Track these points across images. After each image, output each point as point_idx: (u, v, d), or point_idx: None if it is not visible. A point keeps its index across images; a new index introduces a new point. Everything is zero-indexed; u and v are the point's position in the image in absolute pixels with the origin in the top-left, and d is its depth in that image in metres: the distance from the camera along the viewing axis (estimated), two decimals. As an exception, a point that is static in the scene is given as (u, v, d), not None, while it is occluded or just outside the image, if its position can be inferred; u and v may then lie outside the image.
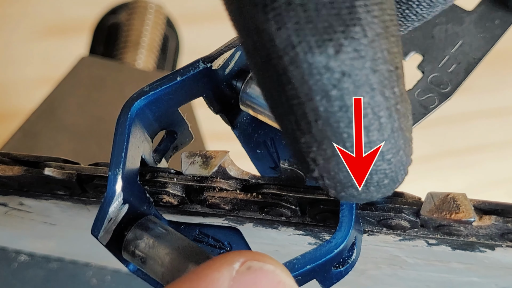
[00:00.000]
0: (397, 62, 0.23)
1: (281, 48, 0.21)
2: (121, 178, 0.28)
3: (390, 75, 0.22)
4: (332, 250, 0.26)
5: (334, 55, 0.21)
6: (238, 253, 0.23)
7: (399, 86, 0.23)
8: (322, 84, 0.21)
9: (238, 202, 0.29)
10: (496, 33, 0.33)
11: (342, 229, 0.26)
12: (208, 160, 0.29)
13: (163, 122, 0.31)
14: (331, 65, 0.21)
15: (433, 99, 0.32)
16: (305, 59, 0.21)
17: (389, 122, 0.23)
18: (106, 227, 0.27)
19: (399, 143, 0.23)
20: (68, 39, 0.94)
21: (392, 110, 0.22)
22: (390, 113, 0.22)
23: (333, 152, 0.23)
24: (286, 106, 0.22)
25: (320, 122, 0.22)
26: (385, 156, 0.23)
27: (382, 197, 0.24)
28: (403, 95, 0.23)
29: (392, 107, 0.22)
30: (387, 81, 0.22)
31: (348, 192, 0.24)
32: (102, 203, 0.27)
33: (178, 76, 0.29)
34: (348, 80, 0.21)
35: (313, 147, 0.23)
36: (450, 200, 0.27)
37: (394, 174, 0.24)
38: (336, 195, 0.24)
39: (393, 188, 0.24)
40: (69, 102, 0.63)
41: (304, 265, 0.26)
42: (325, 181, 0.24)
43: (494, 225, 0.27)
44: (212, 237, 0.30)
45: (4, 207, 0.36)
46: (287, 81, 0.22)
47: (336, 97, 0.21)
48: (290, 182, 0.29)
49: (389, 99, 0.22)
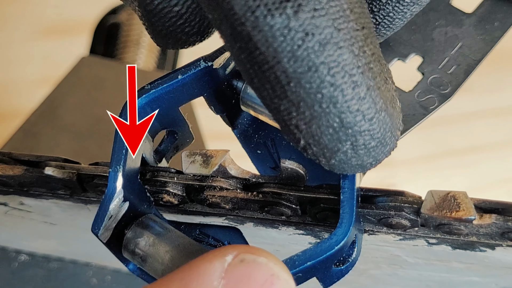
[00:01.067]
0: (363, 22, 0.23)
1: (241, 14, 0.22)
2: (122, 175, 0.28)
3: (356, 34, 0.23)
4: (333, 246, 0.26)
5: (293, 15, 0.22)
6: (231, 247, 0.23)
7: (369, 46, 0.23)
8: (287, 45, 0.22)
9: (238, 201, 0.29)
10: (496, 35, 0.33)
11: (343, 226, 0.26)
12: (208, 159, 0.29)
13: (164, 121, 0.31)
14: (292, 26, 0.22)
15: (433, 100, 0.32)
16: (265, 23, 0.22)
17: (363, 80, 0.23)
18: (106, 224, 0.27)
19: (378, 102, 0.24)
20: (68, 39, 0.94)
21: (365, 68, 0.23)
22: (363, 72, 0.23)
23: (312, 114, 0.23)
24: (260, 74, 0.23)
25: (293, 84, 0.23)
26: (365, 116, 0.23)
27: (374, 163, 0.25)
28: (375, 55, 0.24)
29: (364, 66, 0.23)
30: (354, 39, 0.23)
31: (337, 158, 0.24)
32: (103, 200, 0.27)
33: (179, 74, 0.29)
34: (313, 40, 0.22)
35: (293, 112, 0.23)
36: (451, 198, 0.27)
37: (381, 135, 0.24)
38: (327, 164, 0.25)
39: (384, 152, 0.25)
40: (69, 102, 0.63)
41: (305, 261, 0.26)
42: (313, 148, 0.24)
43: (495, 224, 0.27)
44: (213, 237, 0.30)
45: (4, 206, 0.36)
46: (254, 47, 0.22)
47: (303, 57, 0.22)
48: (290, 181, 0.29)
49: (359, 57, 0.23)
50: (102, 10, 0.83)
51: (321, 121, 0.23)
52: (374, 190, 0.29)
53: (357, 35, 0.23)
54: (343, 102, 0.23)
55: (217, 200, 0.29)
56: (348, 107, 0.23)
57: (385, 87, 0.24)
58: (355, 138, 0.24)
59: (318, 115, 0.23)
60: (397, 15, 0.28)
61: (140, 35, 0.78)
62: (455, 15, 0.34)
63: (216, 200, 0.30)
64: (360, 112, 0.23)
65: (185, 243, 0.27)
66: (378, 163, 0.25)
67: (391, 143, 0.25)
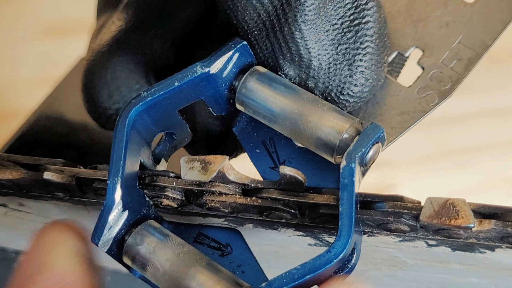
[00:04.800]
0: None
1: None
2: (120, 186, 0.28)
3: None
4: (332, 260, 0.26)
5: None
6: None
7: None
8: None
9: (237, 206, 0.29)
10: (497, 27, 0.32)
11: (342, 239, 0.26)
12: (207, 166, 0.29)
13: (162, 125, 0.31)
14: None
15: (433, 97, 0.31)
16: None
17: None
18: (106, 234, 0.28)
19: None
20: (68, 39, 0.94)
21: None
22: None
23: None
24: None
25: None
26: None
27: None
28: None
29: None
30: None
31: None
32: (102, 212, 0.28)
33: (176, 81, 0.29)
34: None
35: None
36: (450, 205, 0.27)
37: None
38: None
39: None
40: (69, 103, 0.63)
41: (304, 275, 0.25)
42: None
43: (494, 229, 0.27)
44: (212, 238, 0.30)
45: (4, 207, 0.36)
46: None
47: None
48: (289, 186, 0.29)
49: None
50: (102, 10, 0.83)
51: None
52: (373, 195, 0.28)
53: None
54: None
55: (216, 204, 0.29)
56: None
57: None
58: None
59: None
60: (346, 105, 0.30)
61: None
62: (456, 5, 0.33)
63: (215, 204, 0.29)
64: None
65: (185, 251, 0.27)
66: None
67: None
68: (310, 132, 0.28)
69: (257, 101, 0.30)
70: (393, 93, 0.32)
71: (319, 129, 0.28)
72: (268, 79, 0.30)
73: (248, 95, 0.30)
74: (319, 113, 0.29)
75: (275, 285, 0.25)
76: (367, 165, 0.28)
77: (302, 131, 0.29)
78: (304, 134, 0.29)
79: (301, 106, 0.29)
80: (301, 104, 0.29)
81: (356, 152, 0.27)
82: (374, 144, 0.28)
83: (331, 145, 0.28)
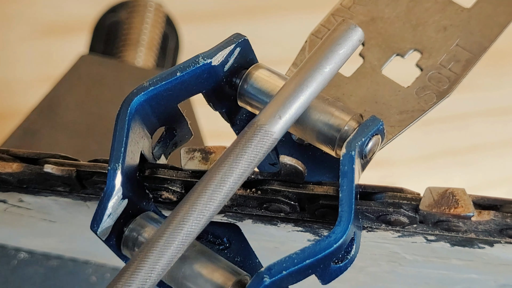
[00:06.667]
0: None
1: None
2: (121, 173, 0.28)
3: None
4: (332, 244, 0.26)
5: None
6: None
7: None
8: None
9: (237, 198, 0.30)
10: (495, 31, 0.33)
11: (342, 224, 0.26)
12: (207, 155, 0.29)
13: (163, 118, 0.31)
14: None
15: (431, 97, 0.32)
16: None
17: None
18: (105, 222, 0.27)
19: None
20: (68, 38, 0.94)
21: None
22: None
23: None
24: None
25: None
26: None
27: None
28: None
29: None
30: None
31: None
32: (102, 198, 0.27)
33: (178, 71, 0.29)
34: None
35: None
36: (449, 195, 0.27)
37: None
38: None
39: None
40: (69, 100, 0.63)
41: (303, 259, 0.26)
42: None
43: (493, 221, 0.27)
44: (211, 233, 0.30)
45: (3, 204, 0.36)
46: None
47: None
48: (289, 177, 0.29)
49: None
50: (102, 9, 0.83)
51: None
52: (372, 187, 0.29)
53: None
54: None
55: (215, 196, 0.29)
56: None
57: None
58: None
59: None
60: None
61: (140, 34, 0.78)
62: (454, 9, 0.33)
63: (215, 196, 0.29)
64: None
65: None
66: None
67: None
68: (312, 125, 0.29)
69: (259, 97, 0.30)
70: (392, 93, 0.32)
71: (321, 122, 0.29)
72: (270, 75, 0.30)
73: (249, 91, 0.30)
74: (321, 107, 0.29)
75: (275, 270, 0.25)
76: (366, 157, 0.28)
77: (303, 124, 0.29)
78: (305, 127, 0.29)
79: None
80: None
81: (356, 141, 0.27)
82: (373, 136, 0.28)
83: (332, 138, 0.28)
